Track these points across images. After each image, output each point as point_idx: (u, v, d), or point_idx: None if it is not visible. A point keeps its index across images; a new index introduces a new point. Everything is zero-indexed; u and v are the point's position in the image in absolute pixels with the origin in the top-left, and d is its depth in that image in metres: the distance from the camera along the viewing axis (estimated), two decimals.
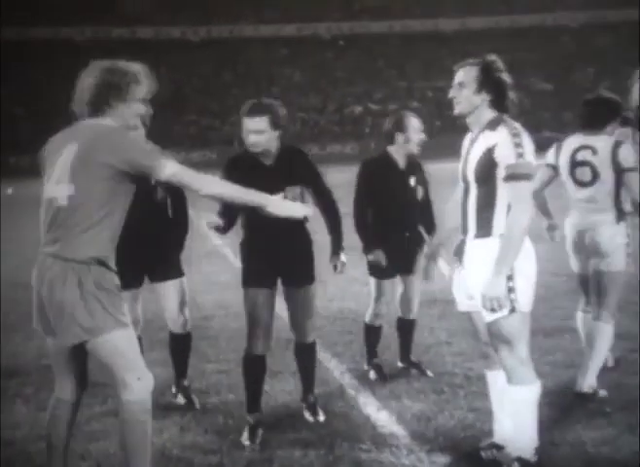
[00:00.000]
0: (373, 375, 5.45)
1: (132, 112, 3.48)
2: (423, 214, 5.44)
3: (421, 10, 54.11)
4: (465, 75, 3.74)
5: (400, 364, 5.64)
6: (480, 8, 54.20)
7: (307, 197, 4.54)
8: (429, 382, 5.24)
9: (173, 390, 5.06)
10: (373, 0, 55.56)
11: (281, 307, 4.70)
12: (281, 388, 5.18)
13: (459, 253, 3.84)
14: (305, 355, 4.73)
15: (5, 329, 6.99)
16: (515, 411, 3.80)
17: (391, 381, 5.30)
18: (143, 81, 3.49)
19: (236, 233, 4.51)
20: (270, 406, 4.88)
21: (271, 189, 4.22)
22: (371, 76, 50.63)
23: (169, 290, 4.89)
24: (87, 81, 3.44)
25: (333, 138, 44.71)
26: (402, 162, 5.29)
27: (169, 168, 3.32)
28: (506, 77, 3.74)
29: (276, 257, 4.46)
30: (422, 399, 4.94)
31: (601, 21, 53.22)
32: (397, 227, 5.36)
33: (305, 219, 4.45)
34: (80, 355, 3.51)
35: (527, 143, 3.61)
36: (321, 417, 4.63)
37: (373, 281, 5.48)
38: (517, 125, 3.67)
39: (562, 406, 4.64)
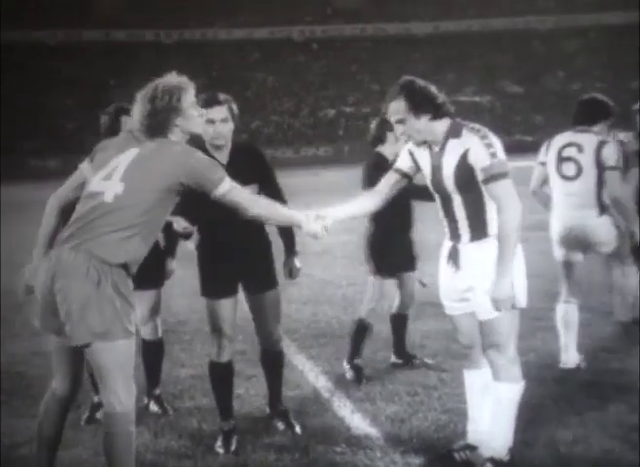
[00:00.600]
0: (350, 375, 5.45)
1: (193, 120, 3.55)
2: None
3: (394, 13, 54.35)
4: (397, 110, 3.73)
5: (395, 360, 5.73)
6: (453, 11, 54.56)
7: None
8: (402, 384, 5.26)
9: (145, 400, 4.96)
10: (346, 3, 55.72)
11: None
12: (255, 392, 5.17)
13: (454, 258, 3.85)
14: (274, 363, 4.62)
15: None
16: (496, 409, 3.83)
17: (365, 384, 5.31)
18: (188, 88, 3.54)
19: None
20: (244, 410, 4.87)
21: None
22: (344, 79, 50.76)
23: (143, 298, 4.74)
24: (142, 111, 3.46)
25: (306, 141, 44.76)
26: (393, 161, 5.27)
27: (224, 186, 3.43)
28: (428, 87, 3.72)
29: (235, 263, 4.33)
30: (396, 401, 4.95)
31: (571, 25, 53.80)
32: (401, 225, 5.47)
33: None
34: (80, 353, 3.47)
35: (496, 141, 3.65)
36: (297, 429, 4.52)
37: (374, 281, 5.52)
38: (478, 126, 3.70)
39: (535, 405, 4.68)
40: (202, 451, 4.30)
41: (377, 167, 5.23)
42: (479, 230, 3.74)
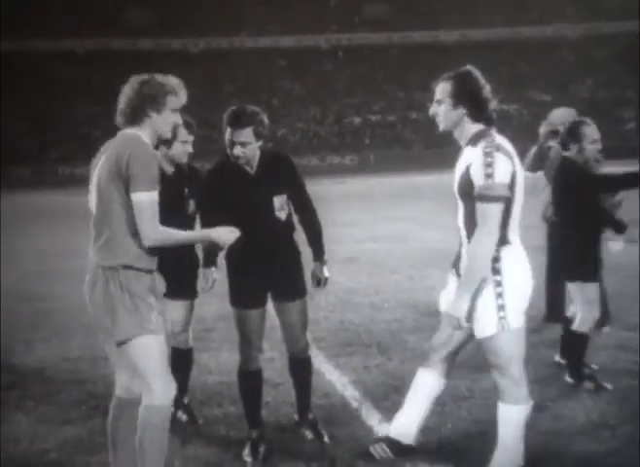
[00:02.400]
0: (588, 386, 5.20)
1: (167, 122, 3.59)
2: None
3: (421, 21, 54.28)
4: (441, 91, 3.71)
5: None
6: (480, 20, 54.40)
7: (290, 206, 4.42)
8: None
9: (172, 409, 4.92)
10: (373, 11, 55.77)
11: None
12: (283, 400, 5.16)
13: (456, 266, 3.82)
14: (302, 370, 4.60)
15: (6, 341, 6.96)
16: (503, 429, 3.78)
17: (394, 393, 5.28)
18: (179, 92, 3.59)
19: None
20: (273, 418, 4.85)
21: (259, 198, 4.21)
22: (370, 87, 50.75)
23: (176, 307, 4.68)
24: (125, 93, 3.57)
25: (332, 149, 44.78)
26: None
27: (138, 196, 3.40)
28: (482, 88, 3.66)
29: (265, 273, 4.32)
30: None
31: (599, 33, 53.39)
32: (597, 228, 5.38)
33: (292, 228, 4.40)
34: None
35: (500, 162, 3.51)
36: (326, 438, 4.50)
37: (586, 287, 5.22)
38: (496, 142, 3.58)
39: (565, 417, 4.63)
40: (230, 459, 4.30)
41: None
42: None
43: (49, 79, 47.39)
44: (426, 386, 4.04)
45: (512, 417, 3.73)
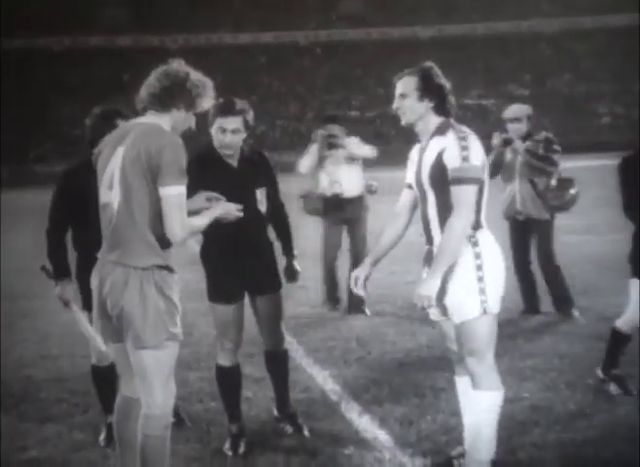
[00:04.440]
0: (614, 388, 4.94)
1: (187, 121, 3.51)
2: None
3: (398, 17, 54.38)
4: (405, 85, 3.76)
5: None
6: (456, 15, 54.56)
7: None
8: (410, 386, 5.26)
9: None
10: (351, 8, 55.79)
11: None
12: (263, 395, 5.18)
13: (428, 261, 3.83)
14: (279, 363, 4.61)
15: None
16: (479, 418, 3.79)
17: (373, 386, 5.31)
18: (209, 99, 3.52)
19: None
20: (252, 412, 4.87)
21: (241, 190, 4.20)
22: (349, 83, 50.81)
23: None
24: (165, 76, 3.41)
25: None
26: None
27: (167, 190, 3.27)
28: (445, 82, 3.78)
29: (244, 266, 4.33)
30: (404, 403, 4.95)
31: (577, 27, 53.73)
32: None
33: (267, 222, 4.43)
34: None
35: (474, 146, 3.61)
36: (306, 432, 4.52)
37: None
38: (466, 129, 3.70)
39: (543, 407, 4.68)
40: (211, 454, 4.31)
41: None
42: None
43: (26, 77, 46.98)
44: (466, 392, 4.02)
45: (488, 404, 3.76)
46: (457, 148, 3.59)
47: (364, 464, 4.09)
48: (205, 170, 4.24)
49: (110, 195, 3.37)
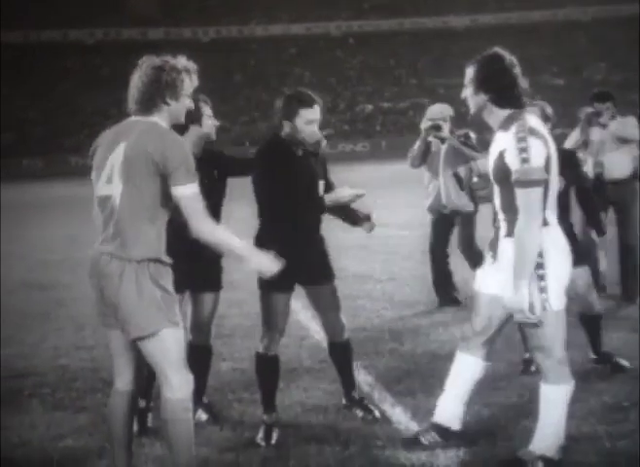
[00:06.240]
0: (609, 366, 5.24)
1: (183, 108, 3.52)
2: None
3: (431, 7, 54.01)
4: (467, 75, 3.72)
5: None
6: (490, 4, 54.05)
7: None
8: (443, 378, 5.22)
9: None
10: None
11: (293, 304, 4.69)
12: (296, 386, 5.19)
13: (493, 247, 3.83)
14: (343, 354, 4.68)
15: (20, 330, 7.03)
16: (547, 409, 3.79)
17: (406, 378, 5.30)
18: (192, 76, 3.53)
19: (243, 234, 4.38)
20: (285, 403, 4.88)
21: (308, 180, 4.30)
22: (381, 74, 50.63)
23: (201, 301, 4.65)
24: (140, 80, 3.46)
25: (344, 137, 44.72)
26: None
27: (184, 190, 3.33)
28: (505, 72, 3.62)
29: (296, 257, 4.26)
30: (436, 394, 4.90)
31: (612, 16, 52.96)
32: None
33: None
34: (137, 346, 3.51)
35: (534, 146, 3.50)
36: (377, 413, 4.59)
37: None
38: (528, 125, 3.55)
39: (578, 399, 4.63)
40: (244, 444, 4.33)
41: None
42: (510, 227, 3.67)
43: (59, 70, 47.50)
44: (468, 371, 4.03)
45: (557, 398, 3.75)
46: (516, 150, 3.50)
47: (397, 455, 4.08)
48: (276, 160, 4.31)
49: (109, 188, 3.42)
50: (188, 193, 3.34)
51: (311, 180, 4.35)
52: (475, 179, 7.19)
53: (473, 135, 7.26)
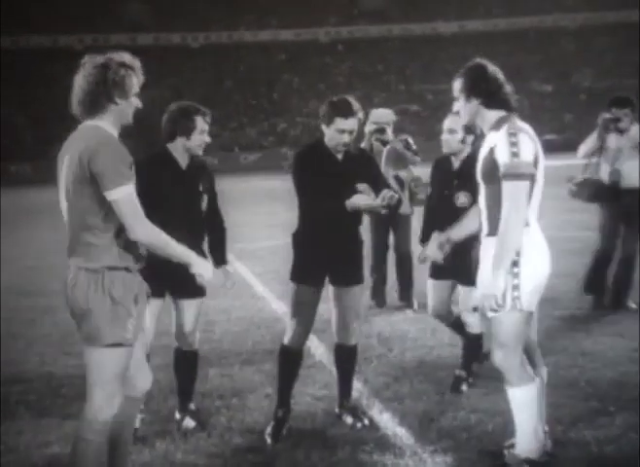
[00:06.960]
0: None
1: (132, 107, 3.41)
2: None
3: (420, 13, 54.19)
4: (455, 89, 3.84)
5: None
6: (478, 10, 54.29)
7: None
8: (431, 384, 5.24)
9: (177, 416, 4.74)
10: (372, 4, 55.67)
11: (280, 309, 4.69)
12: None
13: (476, 247, 3.89)
14: (348, 358, 4.71)
15: (6, 336, 6.99)
16: (518, 413, 3.81)
17: (394, 383, 5.30)
18: (138, 72, 3.41)
19: (234, 240, 4.40)
20: (274, 409, 4.86)
21: (343, 183, 4.35)
22: (370, 80, 50.72)
23: (186, 307, 4.61)
24: (84, 80, 3.32)
25: None
26: None
27: (112, 195, 3.21)
28: (492, 76, 3.77)
29: (328, 255, 4.46)
30: (424, 400, 4.93)
31: (600, 23, 53.27)
32: None
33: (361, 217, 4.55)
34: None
35: (524, 142, 3.62)
36: (366, 422, 4.58)
37: None
38: (518, 124, 3.69)
39: (565, 405, 4.64)
40: (232, 450, 4.31)
41: None
42: (493, 225, 3.72)
43: (48, 76, 47.36)
44: (538, 395, 3.98)
45: (525, 399, 3.77)
46: (506, 145, 3.61)
47: (384, 461, 4.08)
48: (314, 163, 4.42)
49: (61, 201, 3.41)
50: (117, 197, 3.20)
51: (346, 182, 4.35)
52: (412, 185, 7.36)
53: (411, 141, 7.58)
